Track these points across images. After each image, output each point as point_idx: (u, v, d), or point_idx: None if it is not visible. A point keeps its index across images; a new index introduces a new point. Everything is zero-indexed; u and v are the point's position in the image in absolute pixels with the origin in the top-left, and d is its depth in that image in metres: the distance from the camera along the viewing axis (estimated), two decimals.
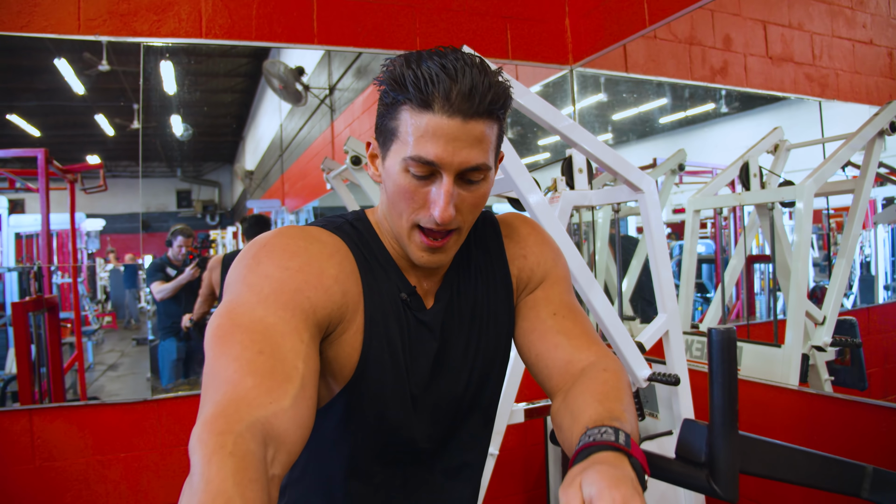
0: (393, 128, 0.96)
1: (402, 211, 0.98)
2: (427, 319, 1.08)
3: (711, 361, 0.92)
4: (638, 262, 3.39)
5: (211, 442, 0.68)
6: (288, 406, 0.78)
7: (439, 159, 0.92)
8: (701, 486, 0.93)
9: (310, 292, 0.91)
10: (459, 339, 1.12)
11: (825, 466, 1.05)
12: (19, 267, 3.20)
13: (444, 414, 1.12)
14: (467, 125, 0.92)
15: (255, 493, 0.66)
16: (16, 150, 3.08)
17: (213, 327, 0.85)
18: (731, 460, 0.91)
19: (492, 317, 1.15)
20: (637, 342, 2.01)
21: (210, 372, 0.80)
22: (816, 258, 2.72)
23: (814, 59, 2.55)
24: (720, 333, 0.90)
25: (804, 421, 2.32)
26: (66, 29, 2.62)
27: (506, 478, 3.21)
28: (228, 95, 4.99)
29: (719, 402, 0.91)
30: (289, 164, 4.81)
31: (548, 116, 1.82)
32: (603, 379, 0.99)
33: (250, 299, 0.87)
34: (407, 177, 0.95)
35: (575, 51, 3.43)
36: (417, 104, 0.91)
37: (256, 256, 0.93)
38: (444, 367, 1.10)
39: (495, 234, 1.19)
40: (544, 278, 1.18)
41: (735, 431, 0.91)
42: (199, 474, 0.65)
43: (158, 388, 3.08)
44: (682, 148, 3.22)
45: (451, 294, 1.12)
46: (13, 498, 2.54)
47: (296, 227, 1.01)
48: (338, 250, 1.00)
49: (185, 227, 3.69)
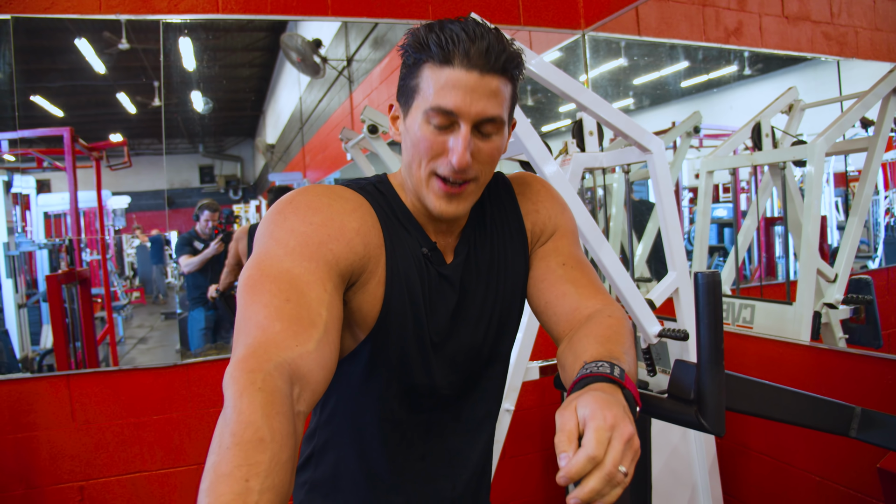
0: (415, 85, 1.03)
1: (422, 160, 1.04)
2: (448, 273, 1.14)
3: (698, 304, 0.97)
4: (654, 225, 3.41)
5: (242, 379, 0.75)
6: (312, 349, 0.85)
7: (457, 108, 0.99)
8: (690, 421, 0.99)
9: (332, 245, 0.98)
10: (478, 291, 1.18)
11: (813, 406, 1.10)
12: (49, 243, 3.29)
13: (463, 362, 1.19)
14: (484, 79, 0.99)
15: (282, 424, 0.72)
16: (42, 130, 3.15)
17: (244, 278, 0.92)
18: (717, 396, 0.96)
19: (508, 268, 1.21)
20: (648, 299, 2.06)
21: (242, 317, 0.88)
22: (841, 221, 2.72)
23: (832, 16, 2.54)
24: (705, 276, 0.95)
25: (815, 375, 2.36)
26: (87, 9, 2.69)
27: (523, 437, 3.28)
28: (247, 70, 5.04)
29: (706, 341, 0.97)
30: (309, 136, 4.85)
31: (557, 81, 1.85)
32: (607, 324, 1.05)
33: (278, 252, 0.94)
34: (428, 128, 1.02)
35: (587, 15, 3.43)
36: (439, 61, 0.99)
37: (283, 212, 1.00)
38: (463, 317, 1.17)
39: (508, 192, 1.25)
40: (555, 231, 1.24)
41: (720, 369, 0.97)
42: (232, 407, 0.72)
43: (188, 354, 3.19)
44: (697, 110, 3.22)
45: (468, 249, 1.18)
46: (56, 456, 2.69)
47: (320, 186, 1.08)
48: (360, 206, 1.07)
49: (211, 201, 3.77)
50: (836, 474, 2.30)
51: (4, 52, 2.73)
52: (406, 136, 1.07)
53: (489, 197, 1.23)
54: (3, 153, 3.10)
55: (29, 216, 3.49)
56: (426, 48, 1.00)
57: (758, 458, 2.61)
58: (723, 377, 0.97)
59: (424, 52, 1.01)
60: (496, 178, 1.26)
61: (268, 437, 0.69)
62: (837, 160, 2.68)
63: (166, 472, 2.83)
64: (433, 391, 1.17)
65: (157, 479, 2.82)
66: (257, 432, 0.69)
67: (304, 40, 3.71)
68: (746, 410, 1.05)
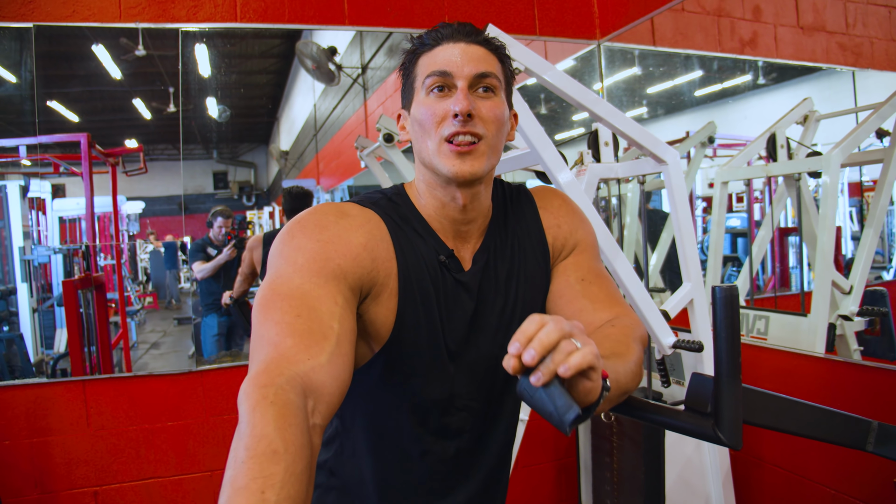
0: (413, 77, 1.12)
1: (430, 131, 1.07)
2: (465, 280, 1.15)
3: (715, 317, 0.97)
4: (668, 235, 3.41)
5: (255, 394, 0.76)
6: (325, 361, 0.86)
7: (451, 68, 1.06)
8: (707, 434, 0.99)
9: (340, 260, 1.00)
10: (496, 300, 1.18)
11: (830, 420, 1.10)
12: (65, 247, 3.32)
13: (483, 372, 1.18)
14: (470, 47, 1.08)
15: (295, 435, 0.73)
16: (59, 136, 3.19)
17: (258, 298, 0.95)
18: (734, 409, 0.96)
19: (529, 279, 1.21)
20: (662, 310, 2.05)
21: (256, 336, 0.90)
22: (856, 231, 2.71)
23: (847, 27, 2.53)
24: (723, 290, 0.95)
25: (830, 388, 2.34)
26: (107, 17, 2.72)
27: (537, 446, 3.28)
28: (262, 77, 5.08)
29: (723, 355, 0.97)
30: (323, 143, 4.87)
31: (572, 91, 1.86)
32: (604, 332, 1.07)
33: (287, 270, 0.97)
34: (428, 98, 1.08)
35: (602, 25, 3.44)
36: (429, 47, 1.09)
37: (291, 232, 1.03)
38: (481, 325, 1.17)
39: (531, 204, 1.26)
40: (575, 246, 1.25)
41: (738, 382, 0.97)
42: (245, 422, 0.73)
43: (201, 361, 3.21)
44: (712, 121, 3.22)
45: (488, 257, 1.18)
46: (71, 462, 2.71)
47: (329, 204, 1.10)
48: (367, 220, 1.08)
49: (225, 208, 3.79)
50: (851, 487, 2.29)
51: (26, 60, 2.77)
52: (413, 124, 1.12)
53: (512, 207, 1.24)
54: (21, 158, 3.13)
55: (44, 220, 3.53)
56: (420, 44, 1.11)
57: (772, 470, 2.59)
58: (740, 390, 0.97)
59: (418, 48, 1.11)
60: (518, 190, 1.28)
61: (281, 449, 0.70)
62: (852, 170, 2.67)
63: (180, 479, 2.84)
64: (452, 405, 1.17)
65: (171, 485, 2.83)
66: (270, 444, 0.70)
67: (320, 48, 3.73)
68: (763, 424, 1.05)
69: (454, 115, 1.04)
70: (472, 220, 1.16)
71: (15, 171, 3.37)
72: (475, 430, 1.21)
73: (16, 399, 2.66)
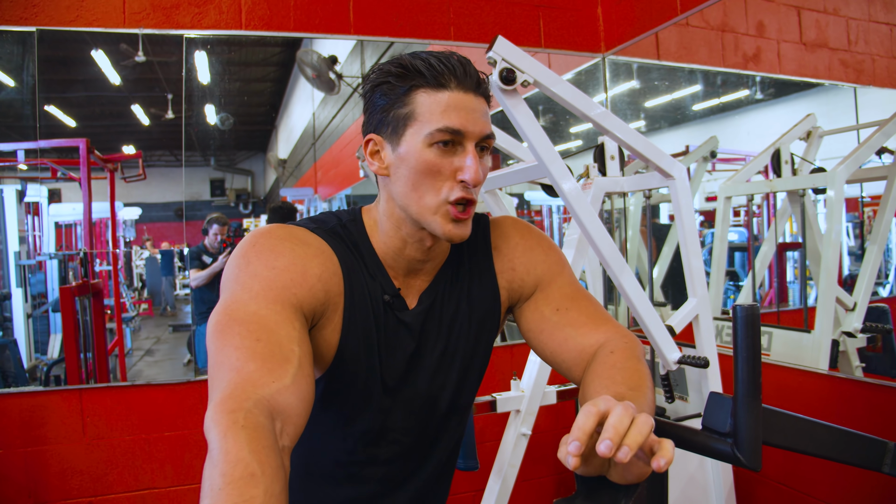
0: (409, 113, 1.03)
1: (429, 189, 1.04)
2: (408, 320, 1.15)
3: (736, 336, 0.96)
4: (669, 248, 3.41)
5: (224, 420, 0.75)
6: (289, 383, 0.86)
7: (464, 127, 1.01)
8: (726, 454, 0.97)
9: (296, 289, 0.99)
10: (438, 343, 1.18)
11: (847, 441, 1.09)
12: (61, 254, 3.30)
13: (420, 409, 1.19)
14: (477, 99, 1.04)
15: (270, 457, 0.72)
16: (59, 140, 3.16)
17: (213, 324, 0.93)
18: (754, 430, 0.95)
19: (473, 325, 1.20)
20: (668, 326, 2.04)
21: (215, 362, 0.88)
22: (852, 247, 2.71)
23: (849, 44, 2.54)
24: (744, 309, 0.94)
25: (833, 405, 2.34)
26: (111, 22, 2.71)
27: (538, 460, 3.26)
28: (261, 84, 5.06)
29: (743, 374, 0.95)
30: (321, 152, 4.86)
31: (580, 104, 1.85)
32: (610, 363, 1.05)
33: (243, 296, 0.95)
34: (432, 151, 1.02)
35: (607, 39, 3.45)
36: (434, 84, 1.02)
37: (246, 256, 1.01)
38: (420, 365, 1.17)
39: (485, 245, 1.24)
40: (538, 283, 1.22)
41: (758, 402, 0.95)
42: (218, 448, 0.72)
43: (198, 370, 3.18)
44: (714, 135, 3.22)
45: (434, 298, 1.17)
46: (66, 472, 2.67)
47: (283, 227, 1.07)
48: (322, 251, 1.07)
49: (220, 215, 3.77)
50: None
51: (28, 64, 2.75)
52: (400, 165, 1.05)
53: (468, 249, 1.22)
54: (19, 163, 3.11)
55: (39, 225, 3.50)
56: (416, 74, 1.02)
57: (775, 487, 2.58)
58: (759, 411, 0.96)
59: (415, 79, 1.02)
60: (478, 223, 1.25)
61: (258, 472, 0.70)
62: (851, 186, 2.67)
63: (177, 490, 2.80)
64: (384, 437, 1.17)
65: (168, 496, 2.79)
66: (247, 468, 0.69)
67: (320, 56, 3.73)
68: (780, 444, 1.03)
69: (462, 180, 1.02)
70: (430, 260, 1.15)
71: (12, 176, 3.35)
72: (404, 463, 1.22)
73: (10, 407, 2.63)
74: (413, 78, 1.02)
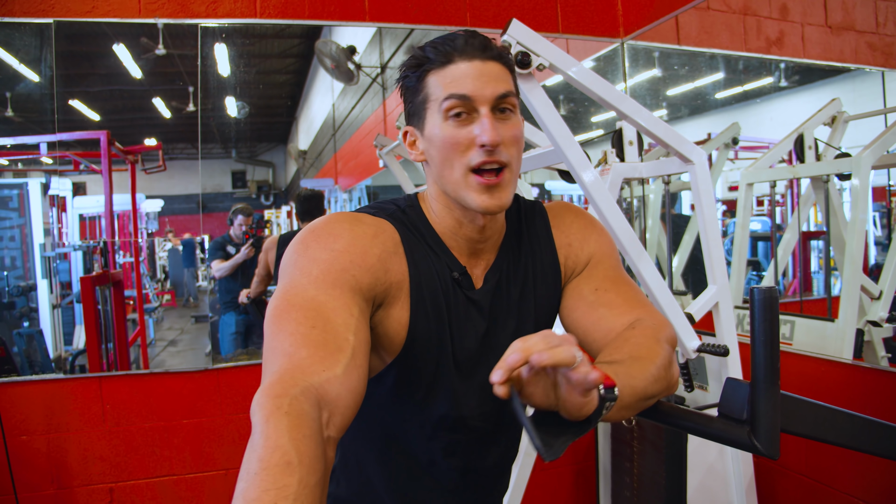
0: (424, 97, 1.06)
1: (453, 160, 1.04)
2: (477, 298, 1.13)
3: (753, 320, 0.93)
4: (690, 237, 3.36)
5: (268, 404, 0.74)
6: (340, 373, 0.84)
7: (472, 93, 1.01)
8: (742, 442, 0.95)
9: (355, 270, 0.98)
10: (508, 321, 1.16)
11: (869, 429, 1.06)
12: (84, 244, 3.33)
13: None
14: (486, 64, 1.03)
15: (309, 447, 0.71)
16: (79, 133, 3.20)
17: (271, 309, 0.93)
18: (772, 417, 0.92)
19: (540, 302, 1.19)
20: (687, 313, 2.01)
21: (269, 347, 0.88)
22: (879, 237, 2.66)
23: (877, 26, 2.48)
24: (762, 292, 0.91)
25: (857, 395, 2.29)
26: (127, 13, 2.71)
27: None
28: (281, 76, 5.08)
29: (761, 359, 0.93)
30: (341, 143, 4.86)
31: (598, 88, 1.82)
32: (625, 336, 1.04)
33: (302, 281, 0.95)
34: (448, 124, 1.03)
35: (626, 23, 3.39)
36: (440, 64, 1.03)
37: (305, 242, 1.01)
38: (493, 345, 1.14)
39: (544, 222, 1.24)
40: (588, 260, 1.22)
41: (777, 389, 0.93)
42: (259, 433, 0.71)
43: (218, 359, 3.20)
44: (736, 122, 3.16)
45: (500, 276, 1.16)
46: (86, 458, 2.71)
47: (343, 213, 1.08)
48: (381, 231, 1.06)
49: (245, 206, 3.79)
50: (878, 497, 2.23)
51: (46, 56, 2.77)
52: (429, 147, 1.07)
53: (526, 225, 1.22)
54: (42, 155, 3.14)
55: (64, 218, 3.54)
56: (425, 59, 1.05)
57: (796, 478, 2.54)
58: (778, 397, 0.93)
59: (424, 63, 1.05)
60: (533, 207, 1.25)
61: (295, 461, 0.69)
62: (878, 174, 2.61)
63: (195, 477, 2.83)
64: (461, 422, 1.15)
65: (186, 483, 2.82)
66: (284, 456, 0.68)
67: (339, 47, 3.71)
68: (800, 432, 1.01)
69: (481, 144, 1.01)
70: (487, 239, 1.14)
71: (36, 169, 3.39)
72: (483, 449, 1.21)
73: (34, 394, 2.67)
74: (423, 64, 1.05)
